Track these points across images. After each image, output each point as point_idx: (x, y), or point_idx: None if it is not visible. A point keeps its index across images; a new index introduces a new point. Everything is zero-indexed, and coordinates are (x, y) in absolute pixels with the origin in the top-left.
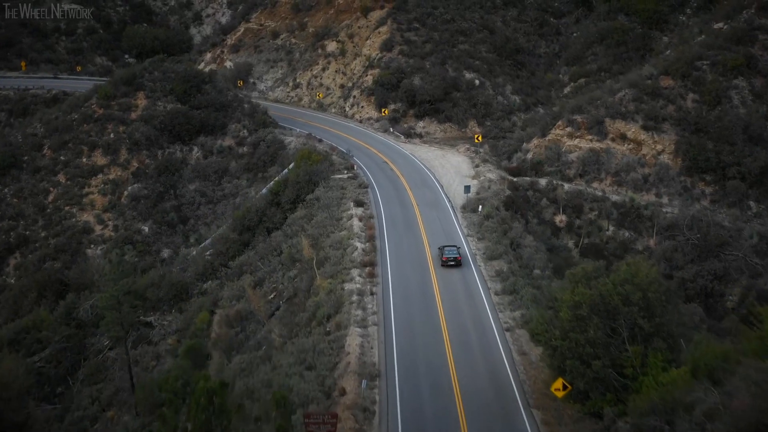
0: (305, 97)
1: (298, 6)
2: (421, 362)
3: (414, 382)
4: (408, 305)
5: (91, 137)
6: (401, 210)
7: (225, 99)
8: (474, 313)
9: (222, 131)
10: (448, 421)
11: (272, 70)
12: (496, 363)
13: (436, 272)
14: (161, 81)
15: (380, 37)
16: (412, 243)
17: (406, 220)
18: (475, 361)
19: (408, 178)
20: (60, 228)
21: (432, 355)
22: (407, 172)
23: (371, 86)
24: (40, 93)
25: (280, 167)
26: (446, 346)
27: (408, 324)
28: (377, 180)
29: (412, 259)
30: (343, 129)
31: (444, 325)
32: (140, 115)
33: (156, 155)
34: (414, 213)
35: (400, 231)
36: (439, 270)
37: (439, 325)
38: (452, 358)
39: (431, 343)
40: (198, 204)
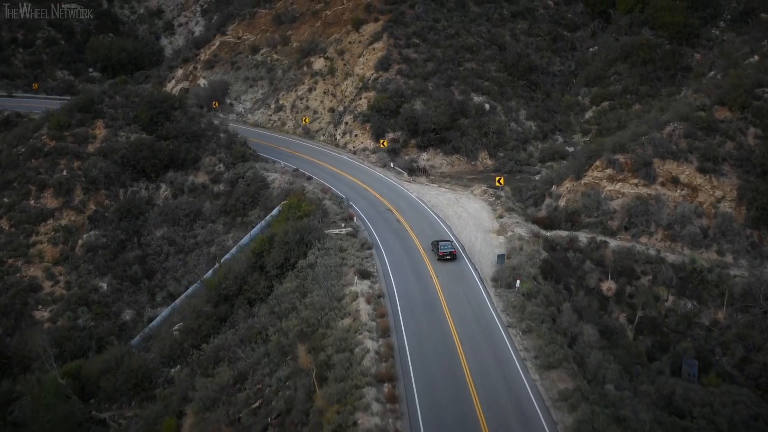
0: (289, 122)
1: (280, 17)
2: None
3: None
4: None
5: (41, 175)
6: (417, 284)
7: (198, 127)
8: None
9: (194, 166)
10: None
11: (251, 89)
12: None
13: (478, 395)
14: (123, 107)
15: (375, 55)
16: (439, 340)
17: (426, 300)
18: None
19: (420, 234)
20: (1, 285)
21: None
22: (417, 224)
23: (366, 112)
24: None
25: (262, 210)
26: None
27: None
28: (382, 237)
29: (444, 369)
30: (334, 162)
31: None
32: (99, 147)
33: (117, 195)
34: (434, 288)
35: (419, 319)
36: (483, 390)
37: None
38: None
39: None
40: (166, 254)
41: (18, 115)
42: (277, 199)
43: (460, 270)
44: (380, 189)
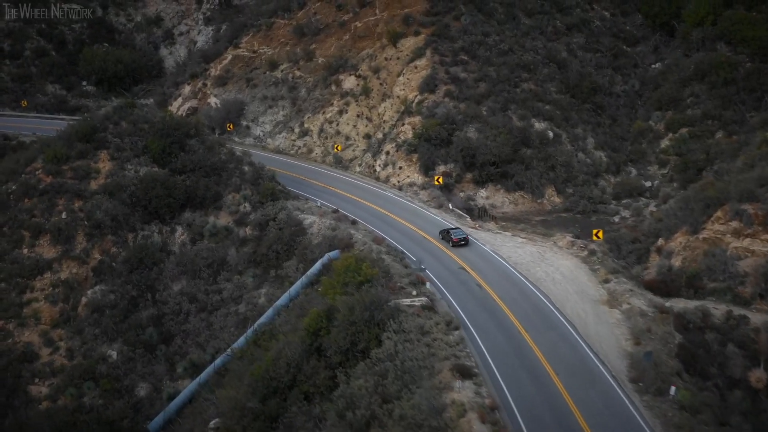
0: (317, 148)
1: (302, 29)
2: None
3: None
4: None
5: (35, 218)
6: (533, 385)
7: (217, 159)
8: None
9: (215, 205)
10: None
11: (271, 110)
12: None
13: None
14: (131, 135)
15: (418, 74)
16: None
17: (557, 415)
18: None
19: (511, 305)
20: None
21: None
22: (505, 291)
23: (412, 140)
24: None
25: (300, 262)
26: None
27: None
28: (467, 310)
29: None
30: (379, 201)
31: None
32: (103, 184)
33: (125, 241)
34: (560, 396)
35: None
36: None
37: None
38: None
39: None
40: (186, 314)
41: (5, 137)
42: (318, 248)
43: (581, 362)
44: None
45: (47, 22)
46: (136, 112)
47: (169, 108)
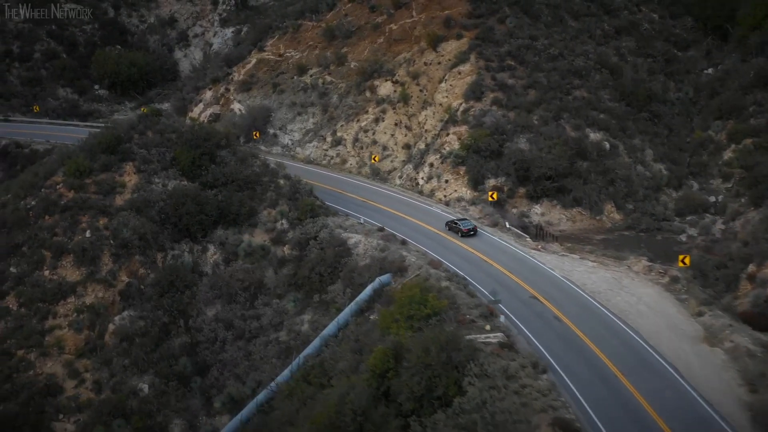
0: (351, 159)
1: (332, 32)
2: None
3: None
4: None
5: (57, 237)
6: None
7: (251, 172)
8: None
9: (249, 222)
10: None
11: (300, 117)
12: None
13: None
14: (158, 146)
15: (462, 80)
16: None
17: None
18: None
19: (599, 343)
20: (9, 387)
21: None
22: (587, 325)
23: (460, 152)
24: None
25: (347, 286)
26: None
27: None
28: (550, 349)
29: None
30: (426, 217)
31: None
32: (129, 199)
33: (154, 261)
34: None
35: None
36: None
37: None
38: None
39: None
40: (222, 342)
41: (17, 144)
42: (366, 271)
43: (696, 415)
44: (505, 262)
45: (57, 23)
46: (162, 120)
47: (189, 114)
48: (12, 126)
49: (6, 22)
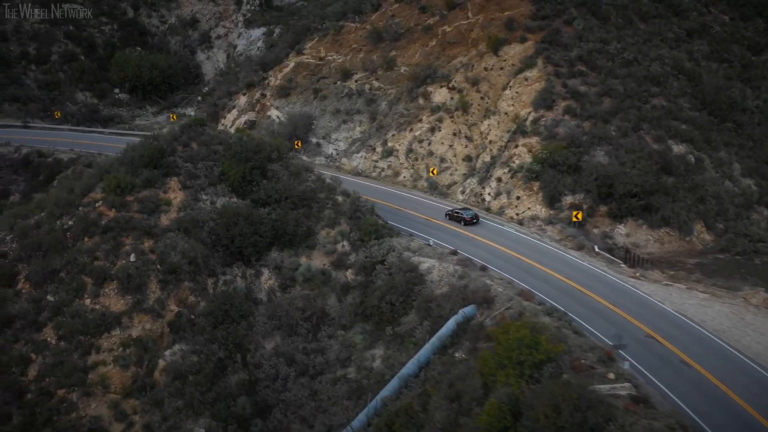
0: (405, 171)
1: (379, 34)
2: None
3: None
4: None
5: (98, 261)
6: None
7: (305, 187)
8: None
9: (306, 243)
10: None
11: (345, 126)
12: None
13: None
14: (204, 159)
15: (529, 86)
16: None
17: None
18: None
19: (749, 398)
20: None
21: None
22: (723, 371)
23: (533, 166)
24: (4, 153)
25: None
26: None
27: None
28: (693, 405)
29: None
30: (499, 238)
31: None
32: (176, 219)
33: (205, 288)
34: None
35: None
36: None
37: None
38: None
39: None
40: (284, 379)
41: (40, 153)
42: (446, 301)
43: None
44: (605, 292)
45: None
46: (207, 131)
47: (222, 121)
48: (32, 133)
49: (22, 23)
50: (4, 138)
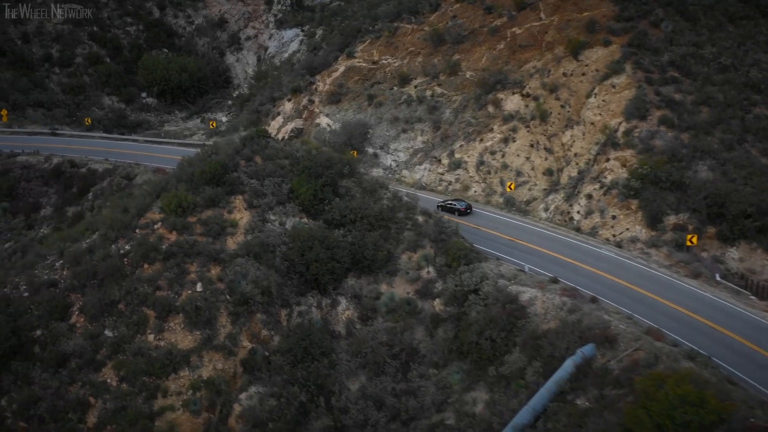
0: (475, 185)
1: (440, 35)
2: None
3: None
4: None
5: (161, 291)
6: None
7: (381, 206)
8: None
9: (386, 269)
10: None
11: (405, 135)
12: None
13: None
14: (270, 176)
15: (618, 94)
16: None
17: None
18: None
19: None
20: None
21: None
22: None
23: (631, 182)
24: (34, 162)
25: (532, 358)
26: None
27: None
28: None
29: None
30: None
31: None
32: (243, 242)
33: (278, 321)
34: None
35: None
36: None
37: None
38: None
39: None
40: (374, 426)
41: (72, 163)
42: (557, 338)
43: None
44: (744, 331)
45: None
46: (271, 144)
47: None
48: (61, 141)
49: (44, 23)
50: (32, 146)
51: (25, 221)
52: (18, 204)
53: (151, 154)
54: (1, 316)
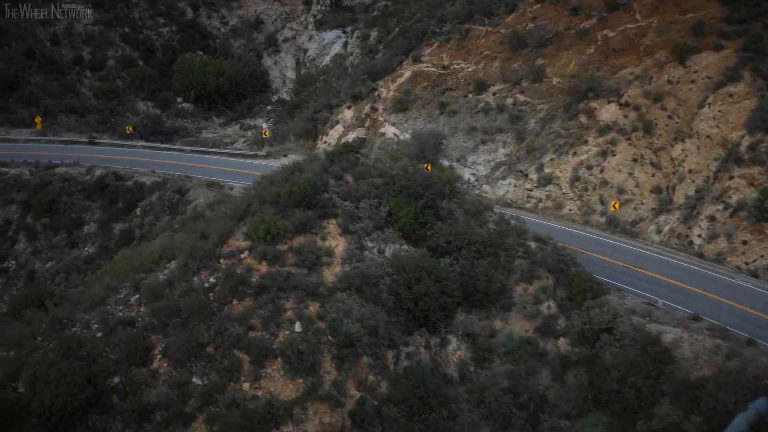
0: (570, 203)
1: (520, 38)
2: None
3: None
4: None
5: (255, 332)
6: None
7: (488, 231)
8: None
9: (501, 302)
10: None
11: (485, 146)
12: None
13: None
14: (365, 197)
15: (736, 104)
16: None
17: None
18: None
19: None
20: None
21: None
22: None
23: (763, 203)
24: (74, 174)
25: (690, 411)
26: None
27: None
28: None
29: None
30: (738, 296)
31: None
32: (342, 274)
33: (385, 364)
34: None
35: None
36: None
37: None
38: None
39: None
40: None
41: (117, 176)
42: (716, 388)
43: None
44: None
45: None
46: (361, 160)
47: (324, 138)
48: (100, 150)
49: (74, 24)
50: (71, 156)
51: (68, 239)
52: (59, 220)
53: (200, 165)
54: (75, 362)
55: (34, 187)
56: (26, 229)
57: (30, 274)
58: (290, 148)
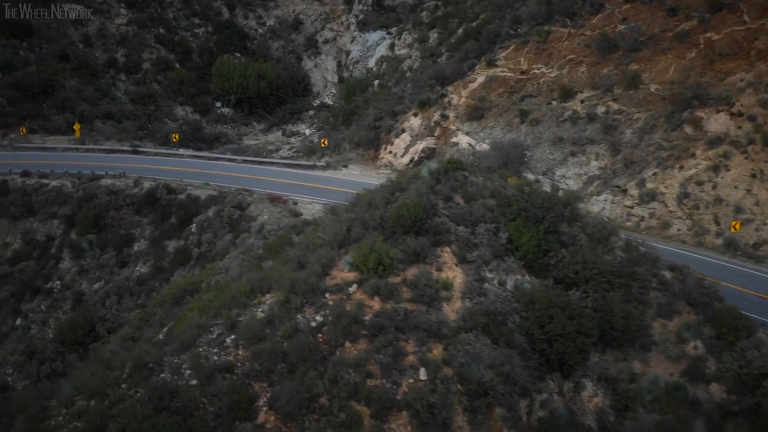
0: (678, 222)
1: (610, 41)
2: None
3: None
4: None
5: (374, 380)
6: None
7: (619, 259)
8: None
9: (638, 341)
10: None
11: (574, 159)
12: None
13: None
14: (482, 220)
15: None
16: None
17: None
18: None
19: None
20: None
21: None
22: None
23: None
24: (121, 187)
25: None
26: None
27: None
28: None
29: None
30: None
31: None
32: (464, 310)
33: (518, 417)
34: None
35: None
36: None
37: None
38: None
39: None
40: None
41: (168, 189)
42: None
43: None
44: None
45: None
46: (470, 179)
47: (388, 148)
48: (145, 160)
49: (107, 25)
50: (115, 167)
51: (117, 257)
52: (106, 236)
53: (256, 176)
54: (169, 416)
55: (77, 201)
56: (71, 246)
57: (77, 296)
58: (349, 158)
